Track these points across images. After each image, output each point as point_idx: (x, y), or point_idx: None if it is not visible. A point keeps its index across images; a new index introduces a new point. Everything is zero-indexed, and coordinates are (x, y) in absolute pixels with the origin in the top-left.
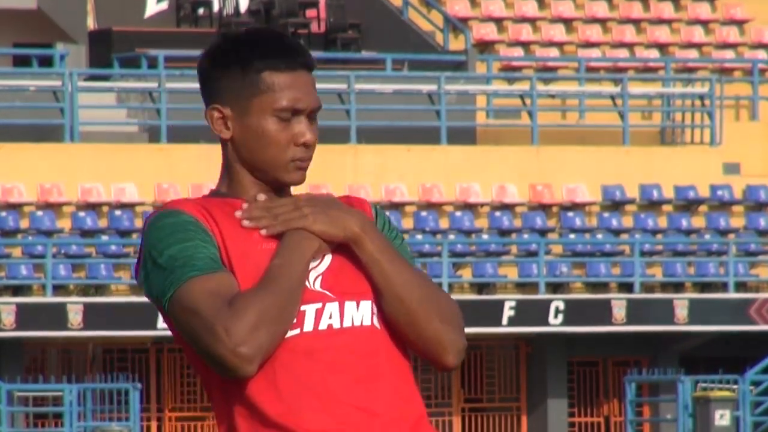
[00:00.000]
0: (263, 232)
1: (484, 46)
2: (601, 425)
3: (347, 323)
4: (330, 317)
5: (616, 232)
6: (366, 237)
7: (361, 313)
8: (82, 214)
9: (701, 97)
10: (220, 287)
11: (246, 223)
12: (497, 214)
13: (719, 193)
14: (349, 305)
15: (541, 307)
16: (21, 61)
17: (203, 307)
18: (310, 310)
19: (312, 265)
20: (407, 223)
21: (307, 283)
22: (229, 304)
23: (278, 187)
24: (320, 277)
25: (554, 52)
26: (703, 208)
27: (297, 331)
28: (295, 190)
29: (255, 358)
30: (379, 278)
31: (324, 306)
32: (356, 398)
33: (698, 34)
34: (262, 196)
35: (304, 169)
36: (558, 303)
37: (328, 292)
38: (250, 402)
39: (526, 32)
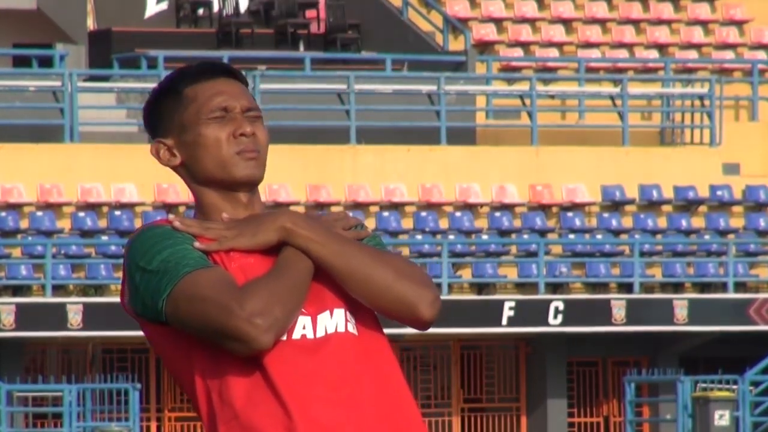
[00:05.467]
0: (197, 245)
1: (484, 47)
2: (601, 425)
3: (320, 333)
4: (303, 328)
5: (616, 233)
6: (297, 227)
7: (335, 320)
8: (81, 214)
9: (701, 97)
10: (223, 276)
11: (197, 245)
12: (497, 214)
13: (719, 193)
14: (322, 317)
15: (541, 308)
16: (21, 62)
17: (212, 292)
18: None
19: None
20: (407, 224)
21: None
22: (239, 288)
23: (238, 193)
24: None
25: (554, 52)
26: (702, 208)
27: None
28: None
29: (270, 328)
30: (324, 260)
31: (296, 320)
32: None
33: (698, 34)
34: (225, 216)
35: (254, 159)
36: (557, 303)
37: (302, 308)
38: (229, 397)
39: (525, 33)
